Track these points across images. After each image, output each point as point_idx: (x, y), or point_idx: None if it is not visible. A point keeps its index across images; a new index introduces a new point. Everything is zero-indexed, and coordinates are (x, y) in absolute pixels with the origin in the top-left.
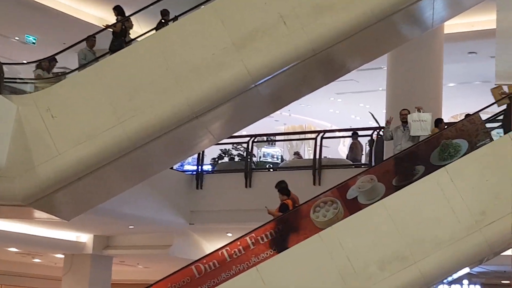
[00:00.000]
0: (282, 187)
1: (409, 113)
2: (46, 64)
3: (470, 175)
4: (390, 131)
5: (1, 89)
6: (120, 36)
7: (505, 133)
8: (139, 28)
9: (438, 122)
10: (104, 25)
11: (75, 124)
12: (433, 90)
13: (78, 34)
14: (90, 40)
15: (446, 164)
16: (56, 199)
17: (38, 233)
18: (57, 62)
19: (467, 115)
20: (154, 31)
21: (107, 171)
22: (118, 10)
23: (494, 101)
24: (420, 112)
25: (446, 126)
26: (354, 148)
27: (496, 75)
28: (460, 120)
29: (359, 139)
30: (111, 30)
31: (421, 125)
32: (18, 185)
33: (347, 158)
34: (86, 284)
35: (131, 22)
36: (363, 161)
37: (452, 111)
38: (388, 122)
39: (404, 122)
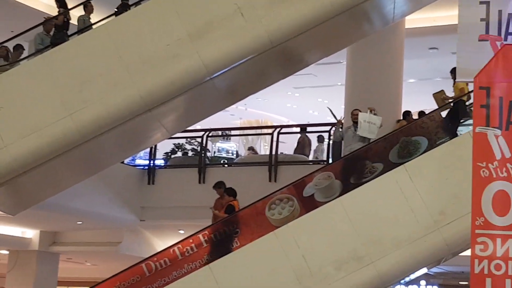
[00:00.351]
0: (227, 188)
1: (361, 111)
2: (4, 52)
3: (429, 173)
4: (341, 131)
5: None
6: (62, 29)
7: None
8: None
9: (406, 114)
10: (45, 17)
11: (23, 116)
12: (393, 85)
13: (27, 21)
14: (48, 24)
15: (405, 162)
16: (1, 193)
17: None
18: (23, 49)
19: (421, 112)
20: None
21: (56, 164)
22: (60, 2)
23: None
24: (372, 113)
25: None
26: (301, 143)
27: (457, 73)
28: (420, 118)
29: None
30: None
31: (369, 127)
32: None
33: (294, 153)
34: (31, 282)
35: (90, 7)
36: (310, 157)
37: (412, 107)
38: (339, 122)
39: (355, 122)
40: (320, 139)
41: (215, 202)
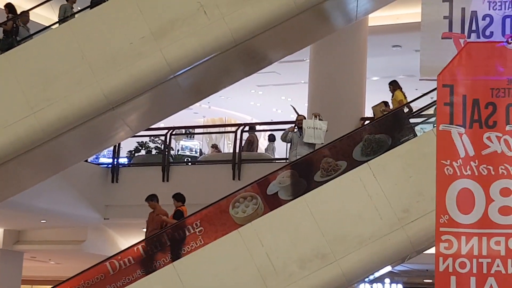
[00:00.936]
0: (176, 194)
1: (305, 118)
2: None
3: (393, 171)
4: (290, 134)
5: None
6: (11, 35)
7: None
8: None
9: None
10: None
11: None
12: (356, 83)
13: None
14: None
15: (369, 160)
16: None
17: None
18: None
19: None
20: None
21: (19, 163)
22: (9, 8)
23: (417, 96)
24: (317, 119)
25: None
26: (251, 142)
27: (421, 70)
28: (384, 115)
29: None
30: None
31: (314, 132)
32: None
33: (242, 151)
34: None
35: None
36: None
37: None
38: (291, 128)
39: (300, 128)
40: (271, 138)
41: (148, 216)
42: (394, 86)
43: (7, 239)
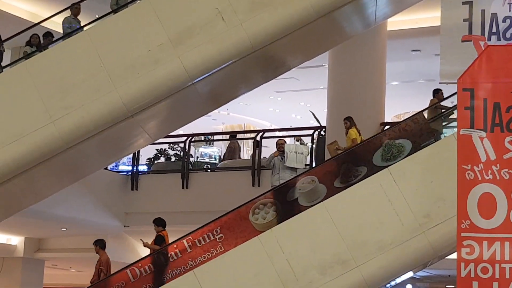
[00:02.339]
0: (156, 219)
1: (286, 143)
2: (36, 40)
3: (413, 176)
4: (271, 161)
5: None
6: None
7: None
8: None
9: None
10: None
11: (5, 123)
12: (375, 88)
13: (10, 29)
14: (75, 8)
15: (389, 165)
16: None
17: None
18: (53, 37)
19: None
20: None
21: (39, 171)
22: None
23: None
24: (298, 143)
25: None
26: (233, 149)
27: (441, 74)
28: (404, 120)
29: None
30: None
31: (296, 157)
32: None
33: (223, 159)
34: None
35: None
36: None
37: (395, 110)
38: (276, 152)
39: (282, 151)
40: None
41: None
42: (350, 123)
43: (28, 248)
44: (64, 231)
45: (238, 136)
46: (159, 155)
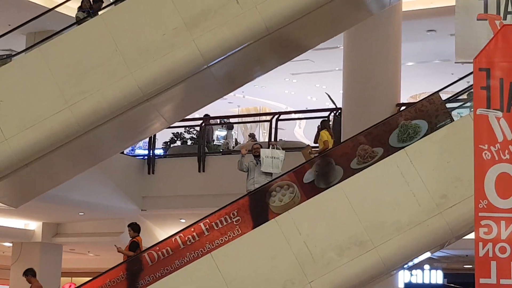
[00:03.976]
0: (131, 224)
1: (262, 147)
2: (87, 5)
3: (430, 157)
4: (245, 164)
5: None
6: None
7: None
8: None
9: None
10: None
11: (22, 109)
12: (391, 69)
13: (24, 15)
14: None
15: (405, 146)
16: (3, 186)
17: None
18: (103, 2)
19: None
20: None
21: (56, 156)
22: None
23: (453, 80)
24: (274, 148)
25: None
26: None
27: (456, 53)
28: (420, 101)
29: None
30: None
31: (272, 162)
32: None
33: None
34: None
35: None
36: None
37: (411, 91)
38: (242, 154)
39: (257, 156)
40: (230, 127)
41: None
42: (322, 125)
43: (46, 232)
44: (81, 215)
45: (254, 118)
46: (175, 139)
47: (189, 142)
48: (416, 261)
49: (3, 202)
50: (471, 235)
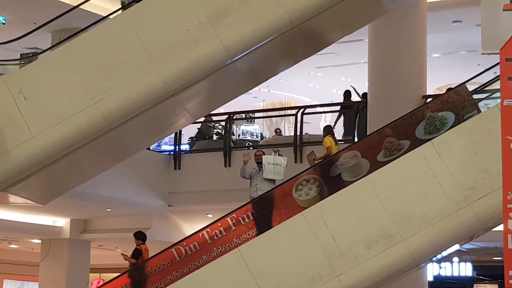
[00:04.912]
0: (137, 232)
1: (264, 154)
2: None
3: (457, 148)
4: (247, 171)
5: None
6: None
7: None
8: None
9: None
10: None
11: (48, 106)
12: (417, 61)
13: (49, 13)
14: None
15: (432, 138)
16: (31, 183)
17: (14, 218)
18: None
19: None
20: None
21: (83, 153)
22: None
23: (480, 71)
24: (276, 154)
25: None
26: None
27: (482, 44)
28: (446, 92)
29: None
30: None
31: (274, 168)
32: None
33: None
34: (64, 269)
35: None
36: None
37: (437, 82)
38: (245, 161)
39: (259, 163)
40: None
41: None
42: (325, 131)
43: (74, 229)
44: (109, 211)
45: (279, 113)
46: (201, 134)
47: (214, 137)
48: (444, 253)
49: (31, 199)
50: (500, 227)
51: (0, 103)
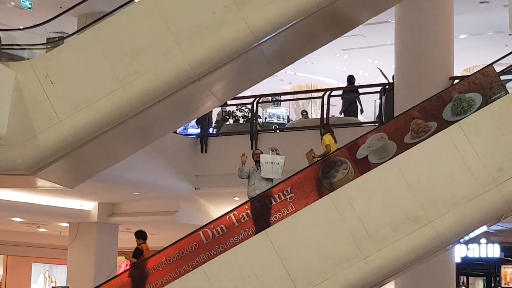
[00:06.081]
0: (137, 231)
1: (262, 153)
2: None
3: (485, 130)
4: (245, 171)
5: None
6: None
7: None
8: None
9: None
10: None
11: (75, 90)
12: (444, 42)
13: None
14: None
15: (459, 120)
16: (58, 167)
17: (42, 202)
18: None
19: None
20: None
21: (109, 137)
22: None
23: (507, 52)
24: (274, 153)
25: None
26: None
27: (510, 25)
28: (473, 73)
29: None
30: None
31: (272, 167)
32: (20, 154)
33: None
34: (92, 253)
35: None
36: None
37: (464, 64)
38: (243, 162)
39: (258, 161)
40: None
41: None
42: (325, 129)
43: (102, 212)
44: (136, 195)
45: (306, 95)
46: (227, 117)
47: (241, 120)
48: (472, 235)
49: (58, 183)
50: None
51: (27, 87)
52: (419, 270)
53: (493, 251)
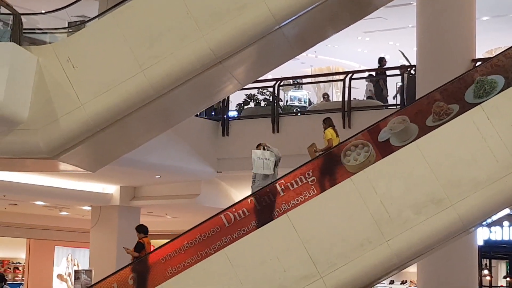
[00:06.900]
0: (138, 225)
1: (266, 147)
2: None
3: (507, 112)
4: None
5: (21, 41)
6: None
7: None
8: None
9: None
10: None
11: (97, 74)
12: (466, 24)
13: None
14: None
15: (481, 102)
16: (80, 151)
17: (64, 185)
18: None
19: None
20: None
21: (131, 120)
22: None
23: None
24: (264, 149)
25: None
26: None
27: None
28: (496, 55)
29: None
30: None
31: (264, 163)
32: (42, 137)
33: None
34: (114, 236)
35: None
36: None
37: (486, 46)
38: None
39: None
40: None
41: None
42: (327, 124)
43: (124, 196)
44: (158, 178)
45: (327, 78)
46: (249, 100)
47: (262, 104)
48: (494, 217)
49: (81, 167)
50: None
51: (49, 71)
52: (441, 253)
53: None
